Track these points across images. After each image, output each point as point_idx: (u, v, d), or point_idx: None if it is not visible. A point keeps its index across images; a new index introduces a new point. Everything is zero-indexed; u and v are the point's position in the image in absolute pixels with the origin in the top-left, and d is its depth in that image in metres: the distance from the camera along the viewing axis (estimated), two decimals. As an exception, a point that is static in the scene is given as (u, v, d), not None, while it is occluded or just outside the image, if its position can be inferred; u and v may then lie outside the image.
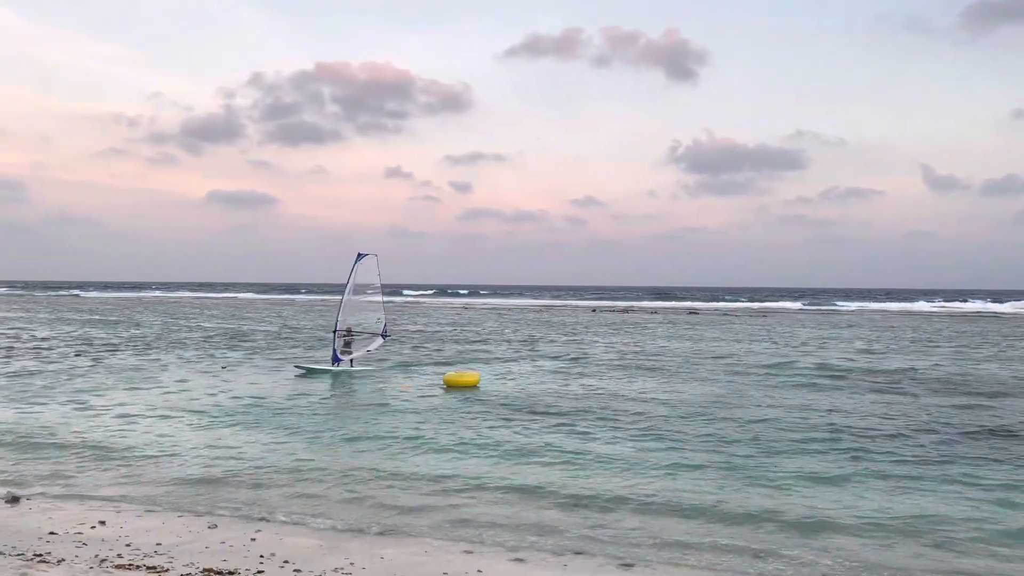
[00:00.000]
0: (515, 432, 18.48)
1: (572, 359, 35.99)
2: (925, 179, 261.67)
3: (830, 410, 21.92)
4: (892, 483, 14.10)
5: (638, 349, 41.73)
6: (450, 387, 25.46)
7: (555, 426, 19.28)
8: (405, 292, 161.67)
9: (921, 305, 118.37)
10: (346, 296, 29.32)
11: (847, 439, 17.85)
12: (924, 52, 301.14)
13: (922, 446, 17.27)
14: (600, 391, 25.49)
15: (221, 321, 66.62)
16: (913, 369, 32.38)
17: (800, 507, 12.57)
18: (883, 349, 42.91)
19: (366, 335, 29.72)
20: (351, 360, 29.55)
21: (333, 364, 29.35)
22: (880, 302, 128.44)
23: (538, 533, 11.34)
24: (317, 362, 31.11)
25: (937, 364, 34.69)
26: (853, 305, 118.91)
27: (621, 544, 10.92)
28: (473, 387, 25.44)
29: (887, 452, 16.57)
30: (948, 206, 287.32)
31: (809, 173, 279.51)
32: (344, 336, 29.30)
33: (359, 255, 29.53)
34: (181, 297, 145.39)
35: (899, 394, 25.33)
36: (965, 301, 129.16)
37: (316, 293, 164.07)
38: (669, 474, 14.65)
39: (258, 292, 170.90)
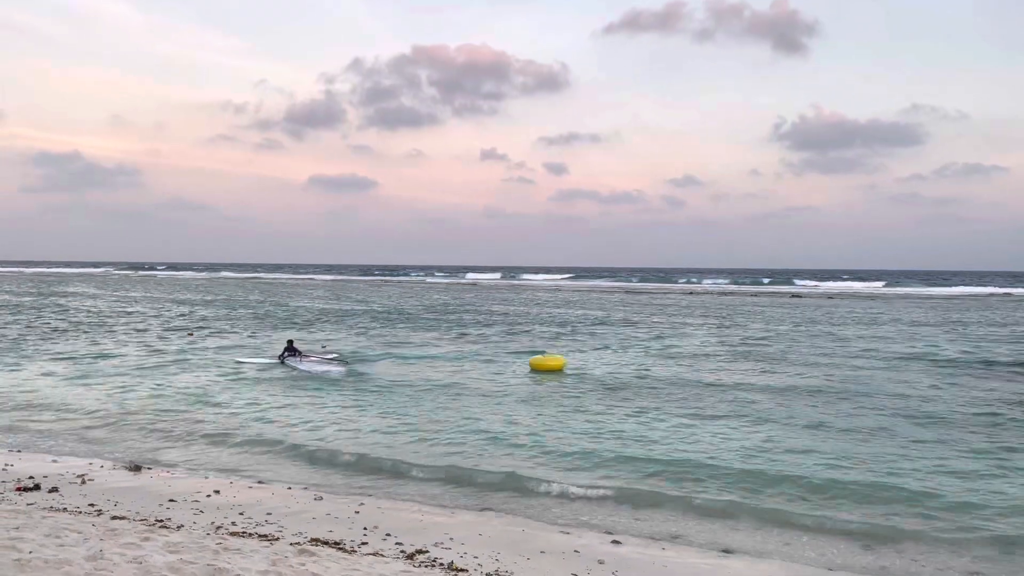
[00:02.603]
0: (605, 414, 18.40)
1: (666, 342, 35.52)
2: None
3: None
4: None
5: (738, 333, 40.79)
6: (536, 370, 25.50)
7: (637, 410, 19.08)
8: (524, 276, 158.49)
9: None
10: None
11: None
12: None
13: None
14: (690, 376, 25.08)
15: (329, 302, 68.72)
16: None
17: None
18: None
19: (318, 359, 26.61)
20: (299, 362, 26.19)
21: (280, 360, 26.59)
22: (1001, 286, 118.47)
23: (635, 518, 11.28)
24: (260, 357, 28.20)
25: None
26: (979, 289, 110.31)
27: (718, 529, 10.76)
28: (559, 371, 25.36)
29: None
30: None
31: (925, 149, 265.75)
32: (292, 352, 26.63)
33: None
34: (291, 278, 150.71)
35: None
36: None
37: (421, 274, 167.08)
38: (777, 452, 14.30)
39: (355, 274, 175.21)
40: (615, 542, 10.17)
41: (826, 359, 29.38)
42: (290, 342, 27.27)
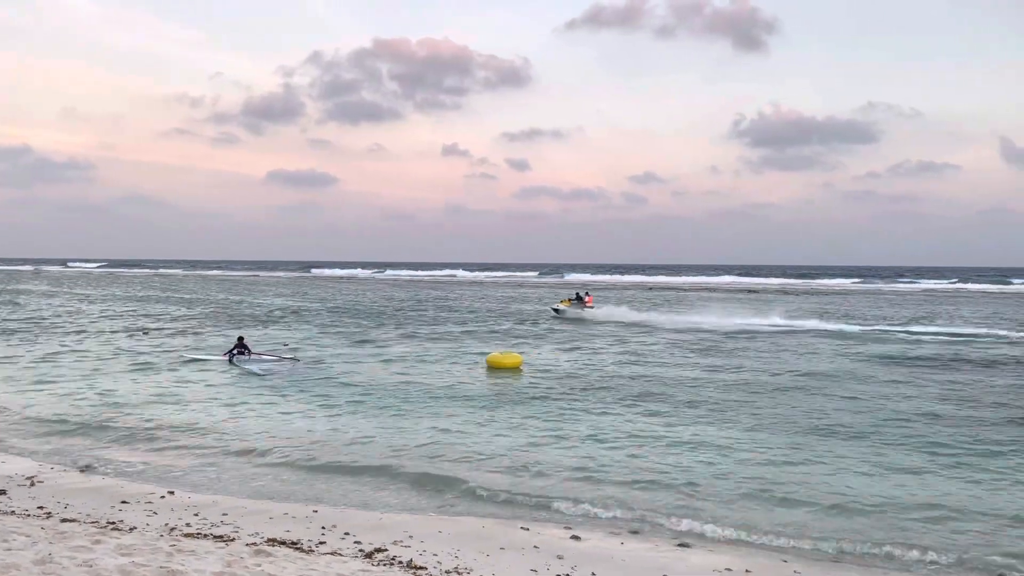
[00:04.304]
0: (560, 411, 18.49)
1: (623, 339, 35.79)
2: (1004, 152, 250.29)
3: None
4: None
5: (695, 330, 41.24)
6: (492, 368, 25.48)
7: (594, 407, 19.21)
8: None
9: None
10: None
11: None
12: (1010, 15, 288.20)
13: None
14: (648, 372, 25.31)
15: (289, 299, 67.95)
16: None
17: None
18: None
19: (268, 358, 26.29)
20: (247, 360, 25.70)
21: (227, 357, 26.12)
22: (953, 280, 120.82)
23: (593, 513, 11.35)
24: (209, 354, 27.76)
25: None
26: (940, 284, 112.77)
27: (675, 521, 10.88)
28: (515, 368, 25.34)
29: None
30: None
31: (881, 147, 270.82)
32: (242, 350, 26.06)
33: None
34: (250, 275, 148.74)
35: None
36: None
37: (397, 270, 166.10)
38: (714, 452, 14.49)
39: (318, 270, 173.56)
40: (574, 537, 10.21)
41: (780, 357, 29.87)
42: (240, 339, 26.89)
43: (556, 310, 49.02)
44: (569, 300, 50.26)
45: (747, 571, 9.19)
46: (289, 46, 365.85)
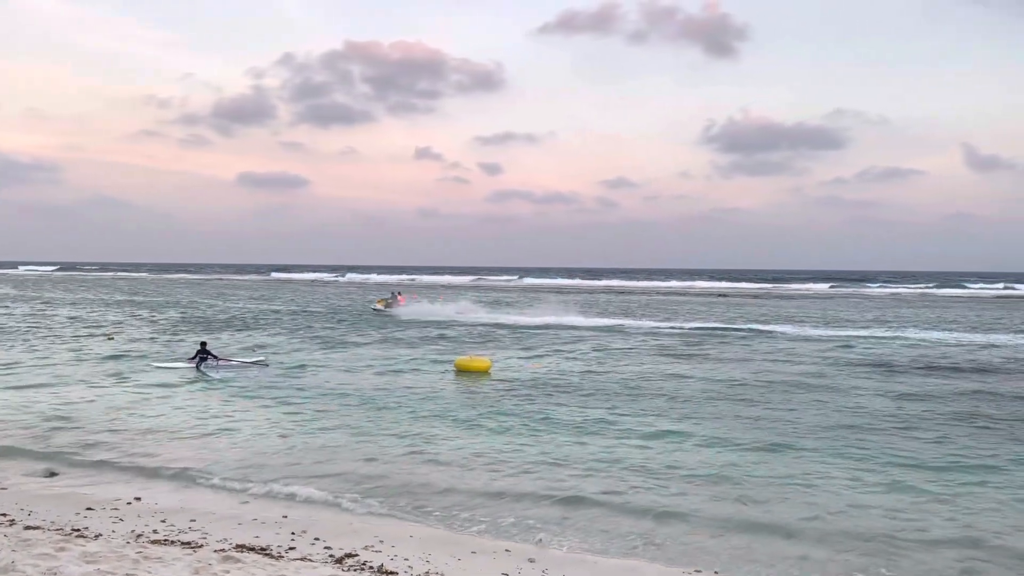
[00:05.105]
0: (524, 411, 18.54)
1: (594, 343, 35.95)
2: (967, 159, 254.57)
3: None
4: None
5: (669, 335, 41.51)
6: (461, 372, 25.43)
7: (564, 411, 19.29)
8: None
9: (980, 290, 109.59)
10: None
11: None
12: (976, 25, 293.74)
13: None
14: (625, 374, 25.45)
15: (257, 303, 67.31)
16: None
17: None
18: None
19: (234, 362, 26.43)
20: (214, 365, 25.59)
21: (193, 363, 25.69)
22: (923, 286, 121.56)
23: (564, 516, 11.38)
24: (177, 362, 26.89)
25: None
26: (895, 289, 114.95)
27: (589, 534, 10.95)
28: (485, 372, 25.31)
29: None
30: (990, 186, 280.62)
31: (848, 153, 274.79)
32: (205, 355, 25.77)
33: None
34: (219, 278, 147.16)
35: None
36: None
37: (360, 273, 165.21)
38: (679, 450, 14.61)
39: (290, 273, 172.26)
40: (546, 536, 10.23)
41: (748, 357, 30.20)
42: (203, 344, 26.56)
43: (375, 309, 55.34)
44: (384, 300, 56.30)
45: (716, 572, 9.29)
46: (260, 48, 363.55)
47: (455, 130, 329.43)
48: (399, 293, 59.19)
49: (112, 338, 34.93)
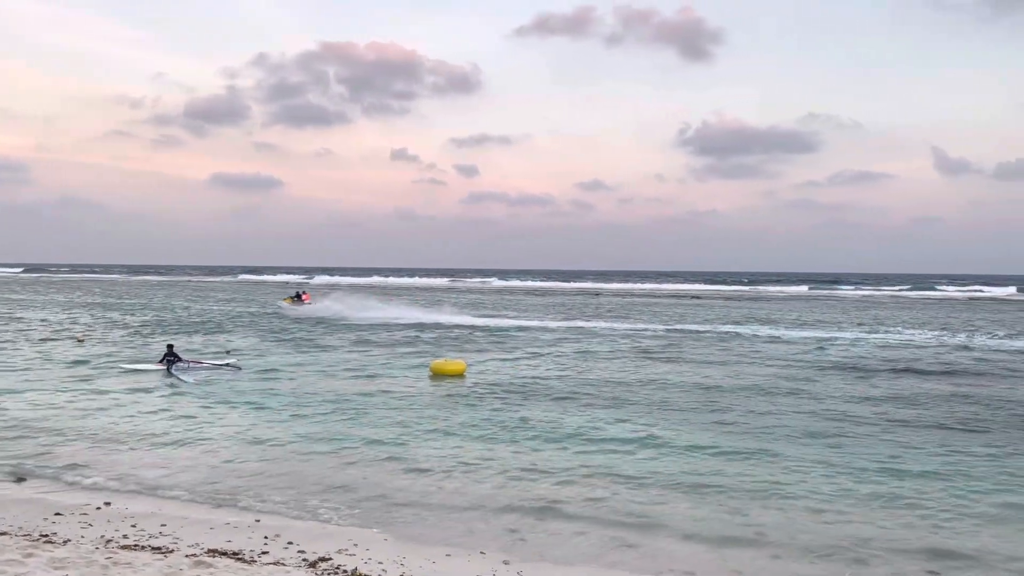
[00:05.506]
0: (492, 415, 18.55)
1: (569, 345, 36.05)
2: (937, 162, 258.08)
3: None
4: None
5: (643, 336, 41.71)
6: (436, 375, 25.35)
7: (539, 413, 19.32)
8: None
9: (951, 291, 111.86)
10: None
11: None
12: (946, 31, 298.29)
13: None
14: (601, 377, 25.53)
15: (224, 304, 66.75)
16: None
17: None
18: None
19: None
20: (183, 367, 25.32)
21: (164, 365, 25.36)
22: (896, 288, 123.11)
23: (538, 519, 11.39)
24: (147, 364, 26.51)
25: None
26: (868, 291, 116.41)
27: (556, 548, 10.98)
28: (459, 376, 25.26)
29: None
30: (958, 189, 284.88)
31: (821, 156, 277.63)
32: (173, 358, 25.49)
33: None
34: (192, 280, 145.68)
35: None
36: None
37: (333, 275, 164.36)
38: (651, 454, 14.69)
39: (262, 275, 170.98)
40: (521, 540, 10.24)
41: (721, 358, 30.42)
42: (170, 347, 26.25)
43: (280, 306, 57.30)
44: (290, 298, 57.92)
45: (687, 572, 9.35)
46: (233, 47, 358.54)
47: (431, 132, 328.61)
48: (304, 292, 60.81)
49: (82, 341, 34.44)
